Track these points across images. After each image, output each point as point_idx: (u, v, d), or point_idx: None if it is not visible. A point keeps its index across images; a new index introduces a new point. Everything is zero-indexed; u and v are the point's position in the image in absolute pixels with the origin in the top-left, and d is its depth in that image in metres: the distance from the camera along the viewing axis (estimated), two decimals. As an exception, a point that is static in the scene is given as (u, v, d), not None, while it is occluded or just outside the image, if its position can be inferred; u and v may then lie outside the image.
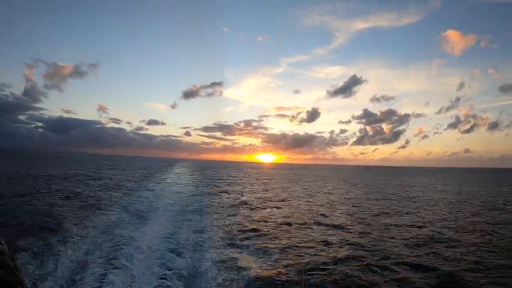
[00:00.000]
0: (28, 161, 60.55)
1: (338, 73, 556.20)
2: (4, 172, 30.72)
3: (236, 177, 47.84)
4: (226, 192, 24.12)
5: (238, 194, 23.46)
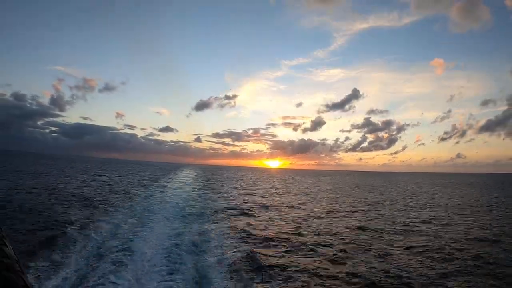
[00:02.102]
0: (32, 163, 60.55)
1: (339, 76, 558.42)
2: (5, 175, 30.57)
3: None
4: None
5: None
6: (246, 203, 19.91)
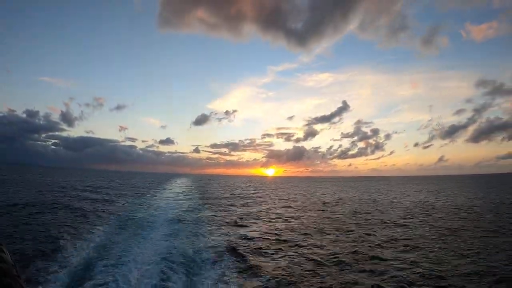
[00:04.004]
0: (31, 174, 59.81)
1: (328, 80, 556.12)
2: (5, 184, 30.43)
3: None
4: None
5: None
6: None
